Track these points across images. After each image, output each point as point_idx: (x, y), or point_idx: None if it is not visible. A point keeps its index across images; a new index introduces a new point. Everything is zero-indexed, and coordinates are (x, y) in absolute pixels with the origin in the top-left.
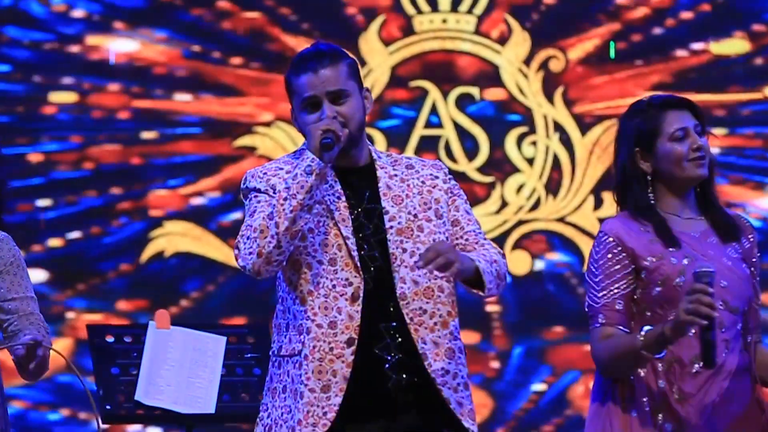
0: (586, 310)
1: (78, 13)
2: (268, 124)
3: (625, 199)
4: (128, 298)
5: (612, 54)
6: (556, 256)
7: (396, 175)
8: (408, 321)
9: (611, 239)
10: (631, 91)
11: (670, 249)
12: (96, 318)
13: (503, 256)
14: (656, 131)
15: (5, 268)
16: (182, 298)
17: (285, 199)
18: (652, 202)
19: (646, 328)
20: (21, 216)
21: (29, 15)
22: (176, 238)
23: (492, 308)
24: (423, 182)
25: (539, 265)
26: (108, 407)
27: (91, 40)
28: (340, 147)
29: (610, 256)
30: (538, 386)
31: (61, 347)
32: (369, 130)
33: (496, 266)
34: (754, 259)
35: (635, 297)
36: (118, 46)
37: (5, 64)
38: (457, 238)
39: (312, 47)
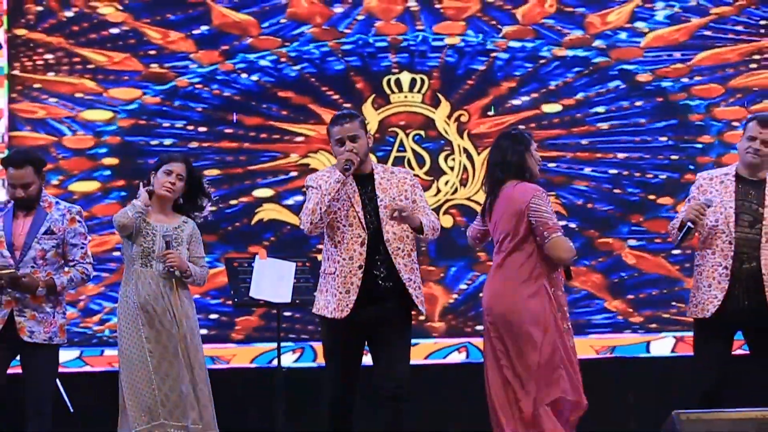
0: (549, 227)
1: None
2: (315, 151)
3: (523, 177)
4: (246, 244)
5: (492, 111)
6: (464, 219)
7: (384, 177)
8: (391, 253)
9: (545, 193)
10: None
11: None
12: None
13: (437, 219)
14: (530, 145)
15: (194, 239)
16: (270, 242)
17: (324, 195)
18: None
19: None
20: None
21: None
22: (269, 212)
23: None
24: (399, 180)
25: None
26: (236, 299)
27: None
28: (354, 167)
29: (549, 201)
30: (463, 285)
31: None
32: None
33: (432, 224)
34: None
35: None
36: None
37: None
38: (415, 210)
39: (342, 111)
